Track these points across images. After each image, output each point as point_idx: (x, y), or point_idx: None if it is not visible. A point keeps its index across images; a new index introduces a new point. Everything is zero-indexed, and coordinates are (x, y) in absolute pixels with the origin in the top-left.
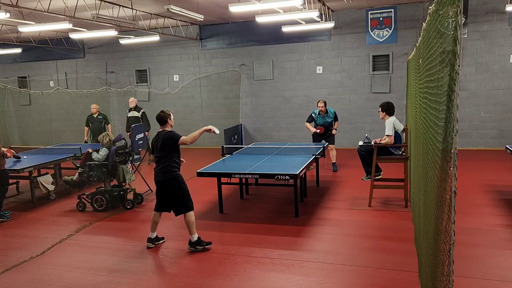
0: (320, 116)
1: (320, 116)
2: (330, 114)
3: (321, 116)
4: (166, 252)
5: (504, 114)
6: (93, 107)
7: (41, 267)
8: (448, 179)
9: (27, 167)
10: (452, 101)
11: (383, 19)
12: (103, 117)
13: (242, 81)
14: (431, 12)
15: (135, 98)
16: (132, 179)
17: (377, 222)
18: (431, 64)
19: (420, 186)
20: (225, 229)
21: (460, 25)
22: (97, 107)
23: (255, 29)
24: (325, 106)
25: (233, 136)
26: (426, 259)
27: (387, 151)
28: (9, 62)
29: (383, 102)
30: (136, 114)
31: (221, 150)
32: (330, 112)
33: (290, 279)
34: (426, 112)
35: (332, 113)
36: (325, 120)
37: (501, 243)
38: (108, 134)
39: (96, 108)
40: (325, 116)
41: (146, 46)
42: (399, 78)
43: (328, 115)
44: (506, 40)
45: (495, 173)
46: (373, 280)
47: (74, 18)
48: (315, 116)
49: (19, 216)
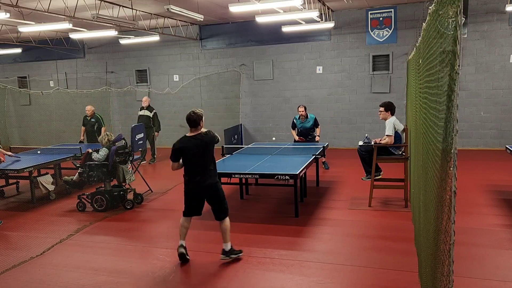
0: (300, 121)
1: (300, 121)
2: (310, 119)
3: (301, 121)
4: (166, 252)
5: (504, 114)
6: (87, 109)
7: (41, 267)
8: (448, 179)
9: (27, 167)
10: (452, 101)
11: (383, 19)
12: (96, 120)
13: (242, 81)
14: (431, 12)
15: (148, 98)
16: (132, 179)
17: (377, 222)
18: (431, 64)
19: (420, 186)
20: None
21: (460, 25)
22: (92, 109)
23: (255, 29)
24: (305, 111)
25: (233, 136)
26: (426, 259)
27: (387, 151)
28: (9, 62)
29: (385, 102)
30: (148, 114)
31: (221, 150)
32: (310, 118)
33: (290, 279)
34: (426, 112)
35: (312, 118)
36: (304, 125)
37: (501, 243)
38: (107, 134)
39: (91, 110)
40: (305, 121)
41: (146, 46)
42: (399, 78)
43: (307, 120)
44: (506, 40)
45: (495, 173)
46: (373, 280)
47: (74, 18)
48: (296, 121)
49: (19, 216)
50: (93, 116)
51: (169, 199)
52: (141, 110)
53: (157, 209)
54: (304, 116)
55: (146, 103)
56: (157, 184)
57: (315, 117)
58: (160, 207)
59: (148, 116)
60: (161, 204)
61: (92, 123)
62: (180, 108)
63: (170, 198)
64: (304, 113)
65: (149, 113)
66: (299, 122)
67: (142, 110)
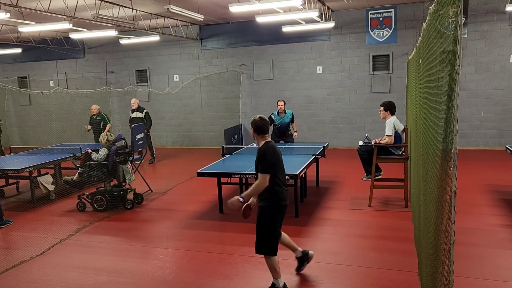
0: (279, 116)
1: (279, 116)
2: (288, 114)
3: (280, 116)
4: (166, 252)
5: (504, 114)
6: (93, 107)
7: (41, 267)
8: (448, 179)
9: (27, 167)
10: (452, 101)
11: (383, 19)
12: (101, 118)
13: (242, 81)
14: (431, 12)
15: (136, 99)
16: (132, 179)
17: (377, 222)
18: (431, 64)
19: (420, 186)
20: (225, 229)
21: (460, 25)
22: (97, 108)
23: (255, 29)
24: (284, 106)
25: (233, 136)
26: (426, 259)
27: (387, 151)
28: (9, 62)
29: (385, 101)
30: (140, 115)
31: (221, 150)
32: (288, 113)
33: (290, 279)
34: (426, 112)
35: (290, 113)
36: (283, 120)
37: (501, 243)
38: (106, 135)
39: (97, 109)
40: (284, 116)
41: (146, 46)
42: (399, 78)
43: (286, 115)
44: (506, 40)
45: (495, 173)
46: (373, 280)
47: (74, 18)
48: (274, 116)
49: (19, 216)
50: (99, 115)
51: (169, 199)
52: (133, 113)
53: (157, 209)
54: (282, 111)
55: (136, 105)
56: (157, 184)
57: (292, 112)
58: (160, 207)
59: (140, 117)
60: (161, 204)
61: (98, 121)
62: (180, 108)
63: (170, 198)
64: (283, 108)
65: (141, 114)
66: (278, 118)
67: (134, 113)
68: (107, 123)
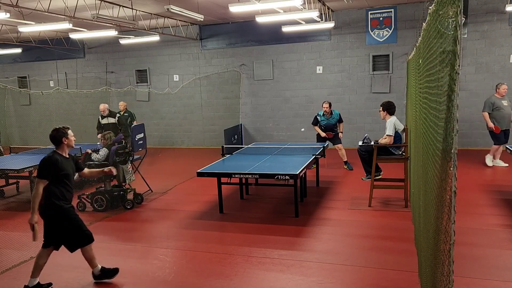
0: (325, 117)
1: (325, 118)
2: (334, 115)
3: (326, 118)
4: (166, 252)
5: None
6: (121, 104)
7: None
8: (448, 179)
9: (27, 167)
10: (452, 101)
11: (383, 19)
12: (129, 114)
13: (242, 81)
14: (431, 12)
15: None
16: (132, 179)
17: (377, 222)
18: (431, 64)
19: (420, 186)
20: (225, 229)
21: (460, 25)
22: (124, 105)
23: (255, 29)
24: (330, 107)
25: (233, 136)
26: (426, 259)
27: (387, 151)
28: (9, 62)
29: (384, 101)
30: (112, 121)
31: (221, 150)
32: (334, 114)
33: (290, 279)
34: (426, 112)
35: (336, 114)
36: (329, 122)
37: (501, 243)
38: (105, 135)
39: (124, 105)
40: (330, 117)
41: (146, 46)
42: (399, 78)
43: (332, 117)
44: (506, 40)
45: (495, 173)
46: (373, 280)
47: (74, 18)
48: (319, 117)
49: (19, 216)
50: (126, 111)
51: (169, 199)
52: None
53: (157, 209)
54: (328, 113)
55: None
56: (157, 184)
57: (339, 113)
58: (160, 207)
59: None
60: (161, 204)
61: (125, 117)
62: (180, 108)
63: (170, 198)
64: (329, 110)
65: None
66: (323, 118)
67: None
68: (134, 120)
